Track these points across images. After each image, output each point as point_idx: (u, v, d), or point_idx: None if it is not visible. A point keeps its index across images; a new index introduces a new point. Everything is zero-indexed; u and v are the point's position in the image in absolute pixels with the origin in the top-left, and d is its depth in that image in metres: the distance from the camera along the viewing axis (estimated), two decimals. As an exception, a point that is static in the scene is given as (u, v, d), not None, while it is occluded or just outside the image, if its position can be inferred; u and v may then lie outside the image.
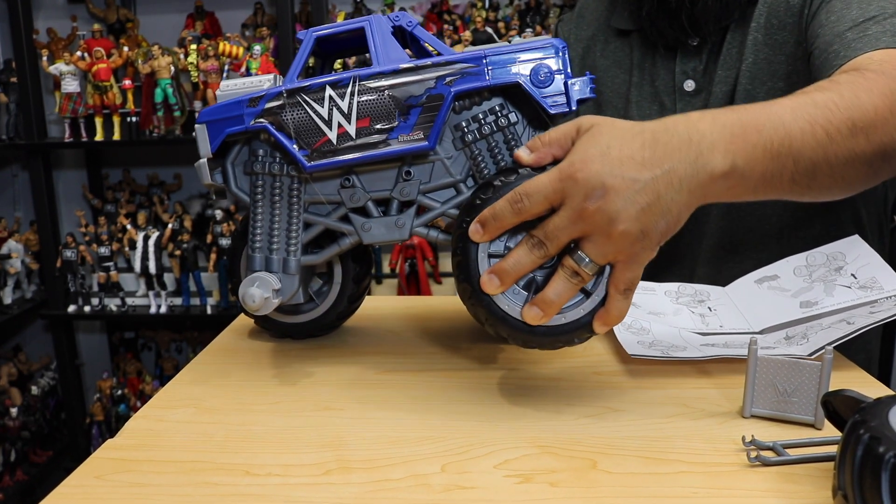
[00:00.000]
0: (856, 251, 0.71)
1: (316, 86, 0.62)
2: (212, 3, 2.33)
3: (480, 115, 0.62)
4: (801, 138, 0.56)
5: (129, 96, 2.21)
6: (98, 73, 2.15)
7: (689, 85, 0.89)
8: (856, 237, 0.72)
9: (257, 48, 2.09)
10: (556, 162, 0.54)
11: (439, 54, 0.62)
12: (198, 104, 2.17)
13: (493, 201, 0.54)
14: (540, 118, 0.62)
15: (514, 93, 0.62)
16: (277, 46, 2.15)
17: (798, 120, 0.56)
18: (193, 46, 2.13)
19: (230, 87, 0.65)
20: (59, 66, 2.18)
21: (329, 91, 0.61)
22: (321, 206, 0.66)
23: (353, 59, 2.02)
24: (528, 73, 0.60)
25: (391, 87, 0.60)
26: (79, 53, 2.17)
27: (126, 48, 2.19)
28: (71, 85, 2.19)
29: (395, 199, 0.64)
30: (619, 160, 0.51)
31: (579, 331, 0.55)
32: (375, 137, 0.61)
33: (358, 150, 0.61)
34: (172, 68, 2.14)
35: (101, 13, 2.34)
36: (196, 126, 0.65)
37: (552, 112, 0.60)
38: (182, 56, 2.14)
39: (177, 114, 2.18)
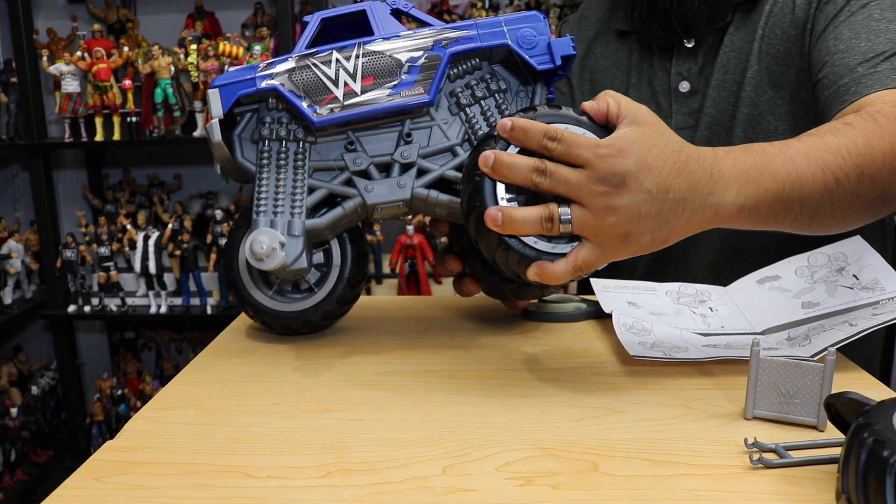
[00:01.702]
0: (858, 252, 0.71)
1: (323, 51, 0.68)
2: (212, 3, 2.33)
3: (473, 82, 0.68)
4: (812, 184, 0.59)
5: (129, 96, 2.20)
6: (98, 73, 2.14)
7: (685, 86, 0.89)
8: (857, 237, 0.72)
9: (257, 48, 2.09)
10: (598, 123, 0.58)
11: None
12: (198, 104, 2.17)
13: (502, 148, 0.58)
14: (528, 86, 0.69)
15: (504, 62, 0.69)
16: (277, 46, 2.14)
17: (811, 165, 0.59)
18: (193, 46, 2.12)
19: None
20: (59, 66, 2.18)
21: (336, 55, 0.67)
22: (325, 173, 0.69)
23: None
24: (515, 36, 0.67)
25: (393, 49, 0.67)
26: (79, 53, 2.16)
27: (126, 48, 2.19)
28: (71, 85, 2.18)
29: (396, 163, 0.68)
30: (648, 168, 0.54)
31: (516, 257, 0.56)
32: (378, 93, 0.66)
33: (363, 106, 0.66)
34: (172, 68, 2.14)
35: (101, 13, 2.34)
36: (209, 91, 0.69)
37: (538, 69, 0.66)
38: (182, 56, 2.14)
39: (177, 114, 2.18)
